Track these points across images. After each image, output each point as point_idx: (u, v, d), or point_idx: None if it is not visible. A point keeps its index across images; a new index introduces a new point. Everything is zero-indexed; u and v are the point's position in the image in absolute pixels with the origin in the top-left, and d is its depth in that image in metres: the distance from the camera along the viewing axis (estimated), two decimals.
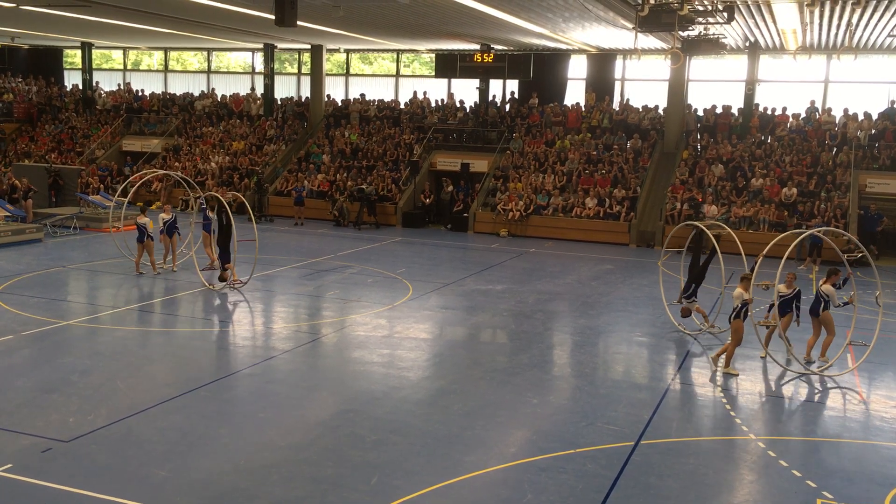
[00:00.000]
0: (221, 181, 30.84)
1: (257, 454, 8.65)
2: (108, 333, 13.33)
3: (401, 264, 20.64)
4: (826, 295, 12.58)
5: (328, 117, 34.29)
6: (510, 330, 14.61)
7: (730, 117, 29.10)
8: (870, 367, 12.78)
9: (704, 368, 12.52)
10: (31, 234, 21.70)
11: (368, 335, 13.71)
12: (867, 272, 21.96)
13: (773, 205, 24.97)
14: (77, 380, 10.85)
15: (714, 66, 31.35)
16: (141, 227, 17.76)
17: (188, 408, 9.97)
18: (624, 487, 8.15)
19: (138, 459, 8.38)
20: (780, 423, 10.49)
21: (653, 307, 16.51)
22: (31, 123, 38.05)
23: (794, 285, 12.89)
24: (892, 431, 10.03)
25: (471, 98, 33.03)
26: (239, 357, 12.57)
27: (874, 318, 15.98)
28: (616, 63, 32.05)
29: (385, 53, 36.89)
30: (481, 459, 8.69)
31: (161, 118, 36.36)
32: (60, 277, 17.75)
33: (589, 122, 30.53)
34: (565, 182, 27.83)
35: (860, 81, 29.20)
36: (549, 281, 19.16)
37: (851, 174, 25.62)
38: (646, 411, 10.38)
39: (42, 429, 9.08)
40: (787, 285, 12.80)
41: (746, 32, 25.09)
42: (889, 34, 23.28)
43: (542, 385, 11.44)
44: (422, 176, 29.54)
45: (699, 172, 27.04)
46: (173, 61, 41.19)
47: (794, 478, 8.51)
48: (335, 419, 9.82)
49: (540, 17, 22.92)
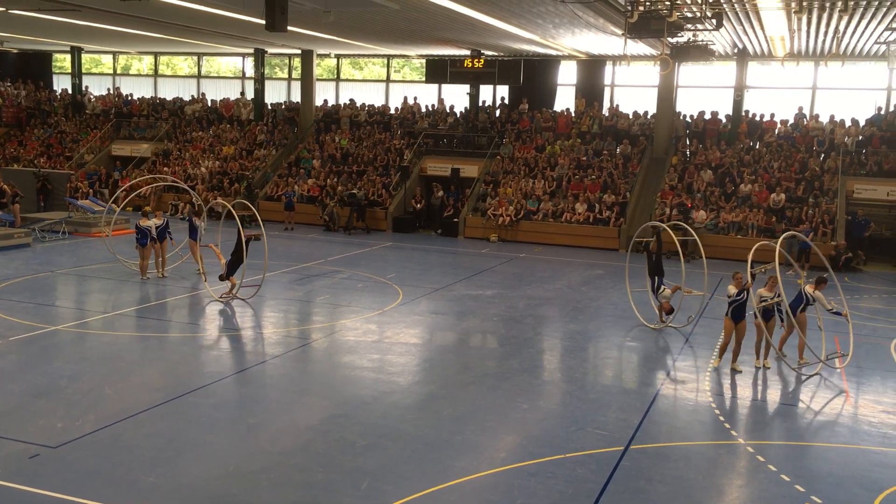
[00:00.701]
0: (211, 186, 30.79)
1: (247, 459, 8.62)
2: (96, 339, 13.27)
3: (391, 269, 20.64)
4: (814, 298, 12.72)
5: (318, 122, 34.27)
6: (500, 335, 14.62)
7: (718, 123, 29.25)
8: (857, 372, 12.86)
9: (694, 373, 12.57)
10: (20, 239, 21.59)
11: (358, 340, 13.69)
12: (856, 278, 22.11)
13: (762, 210, 25.11)
14: (65, 385, 10.79)
15: (703, 73, 31.51)
16: (144, 229, 17.72)
17: (177, 413, 9.92)
18: (613, 492, 8.16)
19: (127, 465, 8.34)
20: (768, 428, 10.53)
21: (642, 312, 16.55)
22: (20, 128, 37.87)
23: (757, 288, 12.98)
24: (880, 436, 10.09)
25: (461, 103, 33.08)
26: (228, 362, 12.53)
27: (862, 324, 16.10)
28: (606, 69, 32.17)
29: (376, 59, 36.92)
30: (471, 464, 8.69)
31: (151, 123, 36.27)
32: (49, 282, 17.66)
33: (579, 128, 30.62)
34: (555, 187, 27.90)
35: (847, 88, 29.41)
36: (539, 286, 19.19)
37: (839, 180, 25.79)
38: (635, 416, 10.41)
39: (30, 434, 9.03)
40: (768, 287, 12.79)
41: (735, 39, 25.24)
42: (876, 41, 23.47)
43: (531, 390, 11.46)
44: (412, 181, 29.54)
45: (688, 178, 27.17)
46: (163, 66, 41.09)
47: (782, 482, 8.55)
48: (325, 424, 9.80)
49: (530, 24, 23.00)
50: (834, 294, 13.86)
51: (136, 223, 18.18)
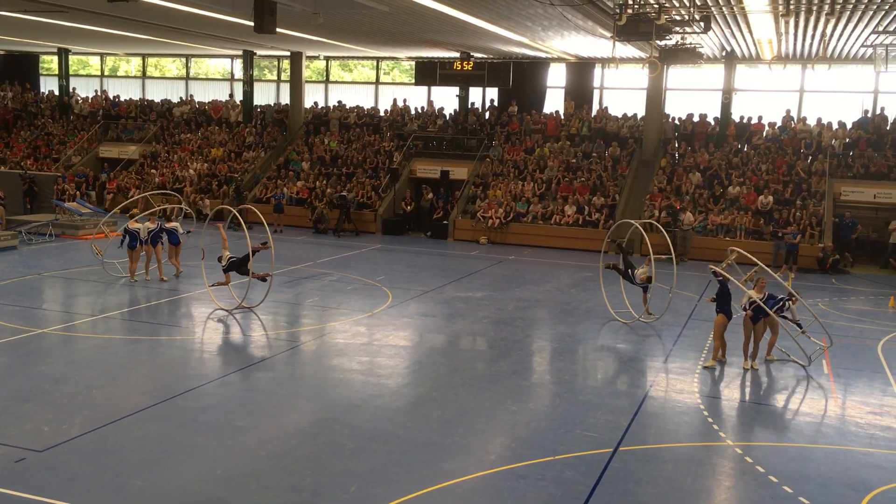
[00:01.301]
0: (200, 188, 30.69)
1: (235, 463, 8.59)
2: (83, 342, 13.19)
3: (380, 271, 20.61)
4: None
5: (308, 124, 34.21)
6: (490, 337, 14.62)
7: (707, 126, 29.38)
8: (845, 374, 12.93)
9: (683, 375, 12.60)
10: (6, 242, 21.43)
11: (348, 343, 13.66)
12: (844, 279, 22.24)
13: (750, 213, 25.22)
14: (52, 388, 10.71)
15: (691, 75, 31.62)
16: (133, 232, 17.60)
17: (165, 416, 9.87)
18: (602, 494, 8.17)
19: (114, 469, 8.29)
20: (757, 429, 10.57)
21: (631, 314, 16.60)
22: (7, 129, 37.65)
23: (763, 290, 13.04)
24: (868, 437, 10.14)
25: (451, 106, 33.10)
26: (217, 365, 12.48)
27: (850, 326, 16.21)
28: (595, 71, 32.26)
29: (365, 61, 36.90)
30: (461, 467, 8.68)
31: (139, 125, 36.12)
32: (35, 285, 17.54)
33: (568, 130, 30.69)
34: (544, 190, 27.95)
35: (834, 91, 29.58)
36: (529, 288, 19.21)
37: (826, 182, 25.94)
38: (624, 418, 10.43)
39: (16, 438, 8.96)
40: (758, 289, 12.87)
41: (723, 42, 25.37)
42: (862, 45, 23.63)
43: (521, 392, 11.46)
44: (402, 183, 29.52)
45: (677, 180, 27.26)
46: (151, 67, 40.94)
47: (770, 483, 8.58)
48: (314, 427, 9.77)
49: (519, 26, 23.04)
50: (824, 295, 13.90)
51: (125, 226, 18.09)
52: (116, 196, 31.32)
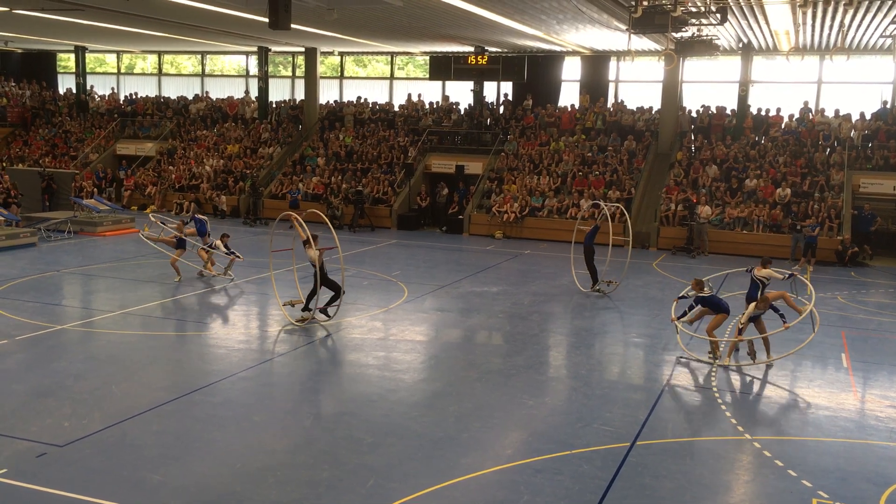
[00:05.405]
0: (216, 185, 30.84)
1: (252, 457, 8.64)
2: (102, 337, 13.30)
3: (396, 267, 20.64)
4: (765, 278, 12.95)
5: (323, 120, 34.27)
6: (505, 332, 14.61)
7: (724, 118, 29.15)
8: (864, 366, 12.82)
9: (700, 368, 12.54)
10: (26, 239, 21.63)
11: (364, 338, 13.69)
12: (862, 272, 22.04)
13: (767, 205, 25.03)
14: (72, 384, 10.82)
15: (708, 68, 31.42)
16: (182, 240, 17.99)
17: (183, 411, 9.94)
18: (620, 488, 8.15)
19: (133, 464, 8.36)
20: (775, 423, 10.50)
21: (648, 308, 16.54)
22: (25, 127, 37.97)
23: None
24: (887, 430, 10.05)
25: (465, 100, 33.03)
26: (234, 360, 12.54)
27: (869, 318, 16.07)
28: (610, 65, 32.08)
29: (379, 56, 36.90)
30: (477, 461, 8.68)
31: (155, 122, 36.33)
32: (55, 282, 17.71)
33: (583, 124, 30.55)
34: (560, 184, 27.85)
35: (853, 82, 29.27)
36: (544, 282, 19.17)
37: (845, 174, 25.69)
38: (641, 412, 10.39)
39: (37, 433, 9.05)
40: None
41: (739, 33, 25.15)
42: (881, 35, 23.37)
43: (537, 386, 11.45)
44: (417, 178, 29.53)
45: (693, 173, 27.09)
46: (167, 65, 41.13)
47: (789, 477, 8.53)
48: (331, 422, 9.81)
49: (534, 20, 22.94)
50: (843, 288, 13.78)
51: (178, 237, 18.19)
52: (133, 193, 31.58)
